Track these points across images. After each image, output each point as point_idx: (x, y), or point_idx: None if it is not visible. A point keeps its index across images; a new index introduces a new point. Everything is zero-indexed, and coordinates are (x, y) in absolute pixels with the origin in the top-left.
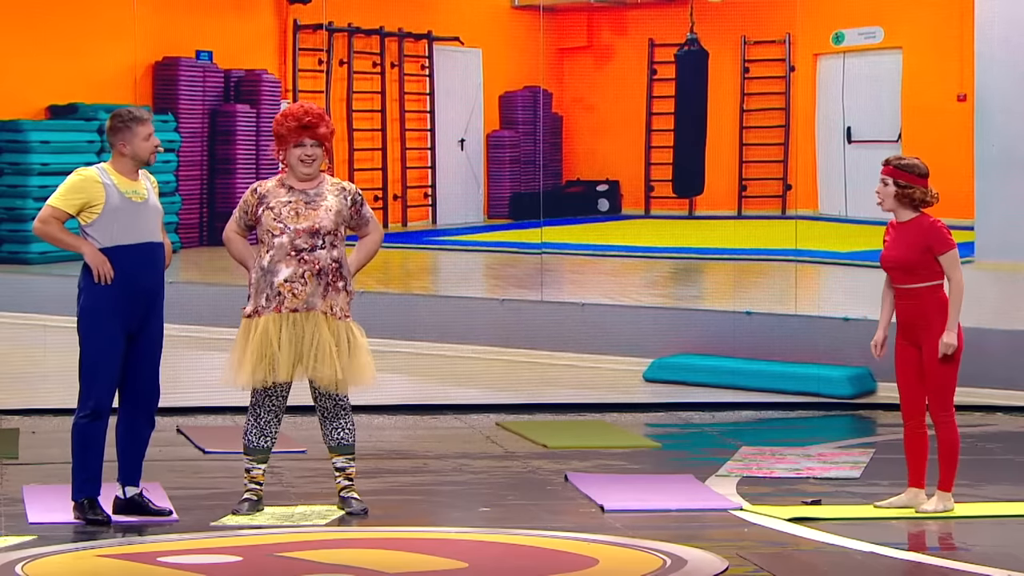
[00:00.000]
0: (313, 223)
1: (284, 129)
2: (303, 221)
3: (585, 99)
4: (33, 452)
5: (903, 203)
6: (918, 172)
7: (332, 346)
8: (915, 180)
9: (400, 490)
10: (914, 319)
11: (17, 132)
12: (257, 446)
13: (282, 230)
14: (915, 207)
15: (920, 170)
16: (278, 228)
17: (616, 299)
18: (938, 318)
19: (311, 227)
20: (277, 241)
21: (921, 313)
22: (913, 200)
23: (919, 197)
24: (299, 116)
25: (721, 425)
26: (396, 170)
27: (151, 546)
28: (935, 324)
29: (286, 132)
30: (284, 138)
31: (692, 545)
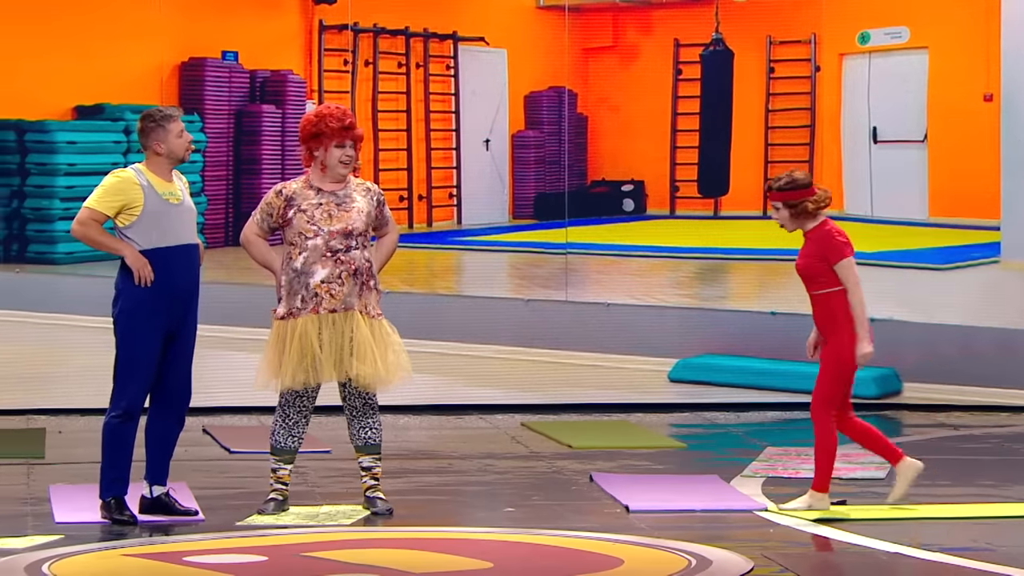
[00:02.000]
0: (346, 224)
1: (327, 128)
2: (336, 223)
3: (610, 99)
4: (59, 452)
5: (801, 218)
6: (798, 185)
7: (372, 345)
8: (801, 194)
9: (425, 490)
10: (822, 325)
11: (44, 133)
12: (284, 446)
13: (316, 232)
14: (814, 216)
15: (801, 182)
16: (311, 230)
17: (641, 299)
18: (846, 323)
19: (344, 228)
20: (311, 243)
21: (829, 319)
22: (808, 212)
23: (812, 207)
24: (340, 117)
25: (746, 425)
26: (421, 170)
27: (177, 546)
28: (843, 329)
29: (328, 131)
30: (325, 137)
31: (717, 545)
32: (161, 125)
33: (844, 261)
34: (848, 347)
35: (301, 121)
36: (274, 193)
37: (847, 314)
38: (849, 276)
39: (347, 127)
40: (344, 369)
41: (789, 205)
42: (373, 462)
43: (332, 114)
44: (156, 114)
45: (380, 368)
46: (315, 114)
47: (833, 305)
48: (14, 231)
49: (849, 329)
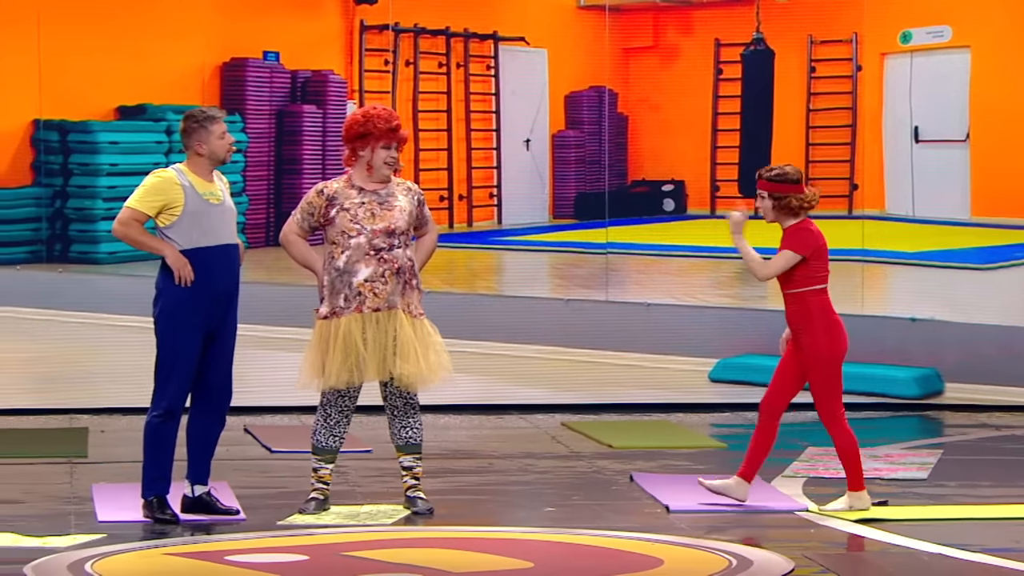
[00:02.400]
0: (389, 223)
1: (374, 129)
2: (379, 222)
3: (651, 99)
4: (102, 451)
5: (783, 213)
6: (790, 180)
7: (415, 344)
8: (788, 188)
9: (465, 490)
10: (795, 323)
11: (86, 133)
12: (326, 446)
13: (359, 231)
14: (795, 214)
15: (791, 177)
16: (355, 229)
17: (681, 299)
18: (820, 322)
19: (387, 227)
20: (354, 242)
21: (803, 317)
22: (791, 208)
23: (796, 204)
24: (387, 118)
25: (787, 425)
26: (461, 170)
27: (219, 545)
28: (816, 328)
29: (376, 132)
30: (372, 138)
31: (758, 546)
32: (203, 126)
33: (787, 252)
34: (824, 343)
35: (347, 121)
36: (315, 192)
37: (821, 313)
38: (777, 260)
39: (393, 128)
40: (387, 368)
41: (774, 197)
42: (414, 462)
43: (379, 115)
44: (199, 115)
45: (423, 367)
46: (362, 114)
47: (808, 304)
48: (57, 231)
49: (822, 327)
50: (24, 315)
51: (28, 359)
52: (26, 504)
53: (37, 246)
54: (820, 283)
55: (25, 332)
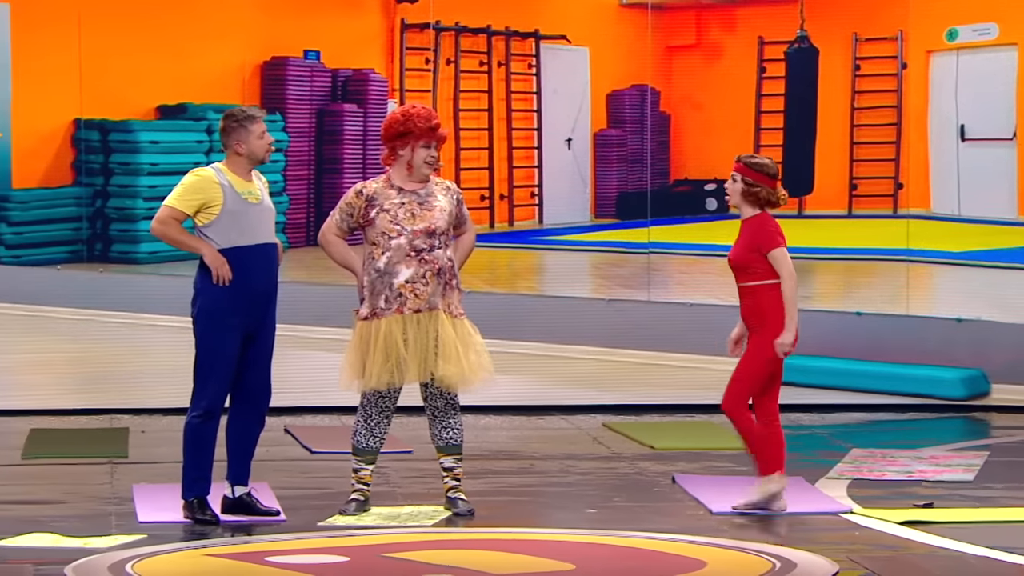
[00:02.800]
0: (429, 224)
1: (414, 128)
2: (419, 222)
3: (693, 97)
4: (142, 451)
5: (748, 201)
6: (767, 172)
7: (457, 345)
8: (763, 179)
9: (506, 491)
10: (750, 317)
11: (127, 132)
12: (366, 447)
13: (399, 232)
14: (760, 206)
15: (769, 170)
16: (395, 230)
17: (724, 299)
18: (773, 316)
19: (428, 228)
20: (394, 243)
21: (757, 311)
22: (759, 199)
23: (764, 196)
24: (427, 117)
25: (831, 427)
26: (503, 169)
27: (259, 546)
28: (770, 322)
29: (416, 131)
30: (411, 137)
31: (802, 548)
32: (243, 126)
33: (777, 251)
34: (774, 338)
35: (386, 120)
36: (354, 193)
37: (775, 308)
38: (784, 266)
39: (433, 128)
40: (429, 369)
41: (746, 182)
42: (455, 463)
43: (419, 114)
44: (239, 114)
45: (464, 368)
46: (401, 113)
47: (761, 298)
48: (98, 231)
49: (776, 324)
50: (65, 315)
51: (69, 359)
52: (67, 504)
53: (78, 246)
54: (774, 277)
55: (66, 332)
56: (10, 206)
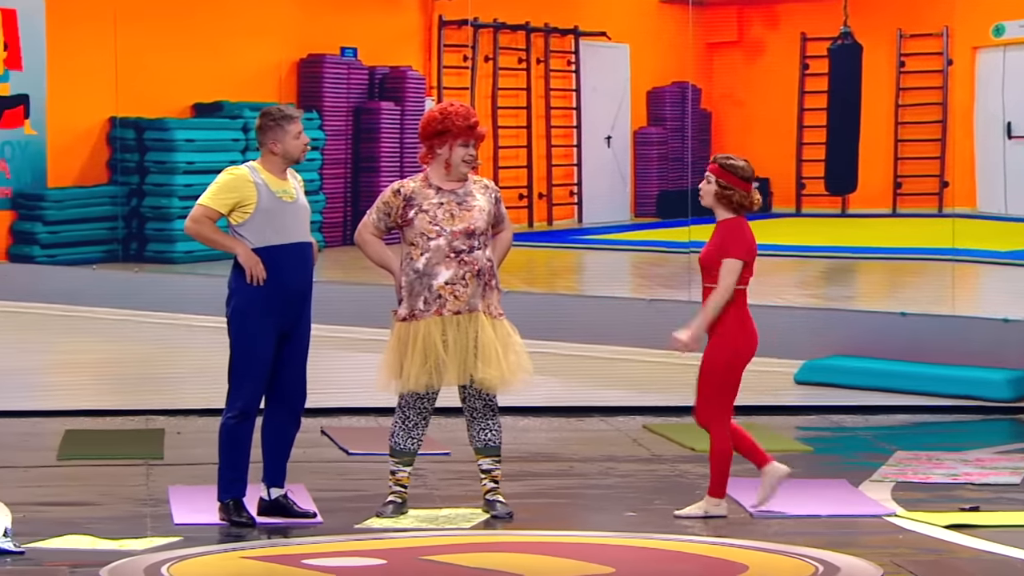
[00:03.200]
0: (468, 224)
1: (452, 126)
2: (458, 223)
3: (735, 95)
4: (178, 452)
5: (722, 203)
6: (741, 175)
7: (497, 346)
8: (737, 183)
9: (545, 493)
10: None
11: (163, 130)
12: (404, 448)
13: (439, 232)
14: (734, 209)
15: (743, 172)
16: (434, 231)
17: (766, 299)
18: (733, 322)
19: (467, 228)
20: (433, 244)
21: (717, 319)
22: (732, 202)
23: (738, 200)
24: (465, 115)
25: (875, 429)
26: (541, 168)
27: (296, 548)
28: (730, 327)
29: (455, 129)
30: (449, 135)
31: (845, 552)
32: (280, 125)
33: (732, 261)
34: (733, 343)
35: (424, 118)
36: (392, 192)
37: (736, 312)
38: (727, 276)
39: (471, 126)
40: (468, 372)
41: (720, 184)
42: (493, 464)
43: (457, 112)
44: (276, 113)
45: (504, 369)
46: (439, 111)
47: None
48: (133, 230)
49: (736, 327)
50: (100, 315)
51: (104, 360)
52: (103, 506)
53: (113, 245)
54: (742, 283)
55: (101, 332)
56: (45, 205)
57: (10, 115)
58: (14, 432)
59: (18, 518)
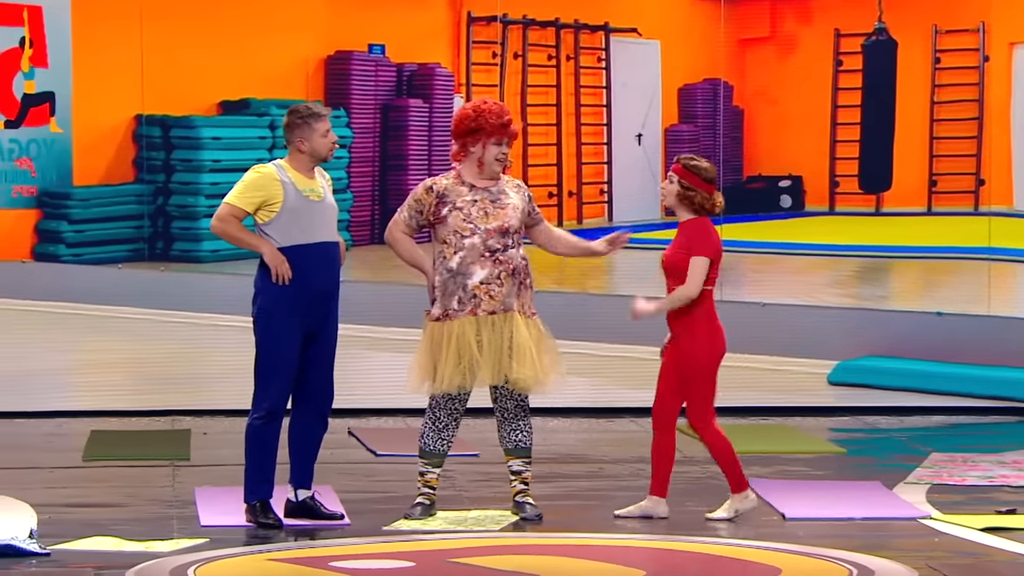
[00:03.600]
0: (503, 222)
1: (486, 124)
2: (493, 221)
3: (768, 91)
4: (205, 453)
5: (684, 204)
6: (704, 176)
7: (531, 347)
8: (699, 184)
9: (576, 495)
10: (676, 323)
11: (189, 128)
12: (433, 449)
13: (472, 231)
14: (695, 211)
15: (706, 174)
16: (468, 229)
17: (799, 299)
18: (701, 324)
19: (501, 227)
20: (467, 242)
21: (684, 318)
22: (693, 203)
23: (699, 202)
24: (499, 113)
25: (910, 430)
26: (571, 166)
27: (323, 550)
28: (697, 330)
29: (489, 127)
30: (483, 133)
31: (879, 555)
32: (307, 123)
33: (701, 260)
34: (703, 346)
35: (457, 115)
36: (424, 189)
37: (704, 315)
38: (694, 275)
39: (505, 124)
40: (503, 372)
41: (683, 185)
42: (523, 466)
43: (491, 110)
44: (303, 111)
45: (538, 370)
46: (473, 109)
47: (691, 304)
48: (159, 229)
49: (704, 330)
50: (126, 315)
51: (130, 360)
52: (129, 508)
53: (139, 244)
54: (709, 283)
55: (127, 332)
56: (71, 204)
57: (36, 113)
58: (39, 433)
59: (43, 519)
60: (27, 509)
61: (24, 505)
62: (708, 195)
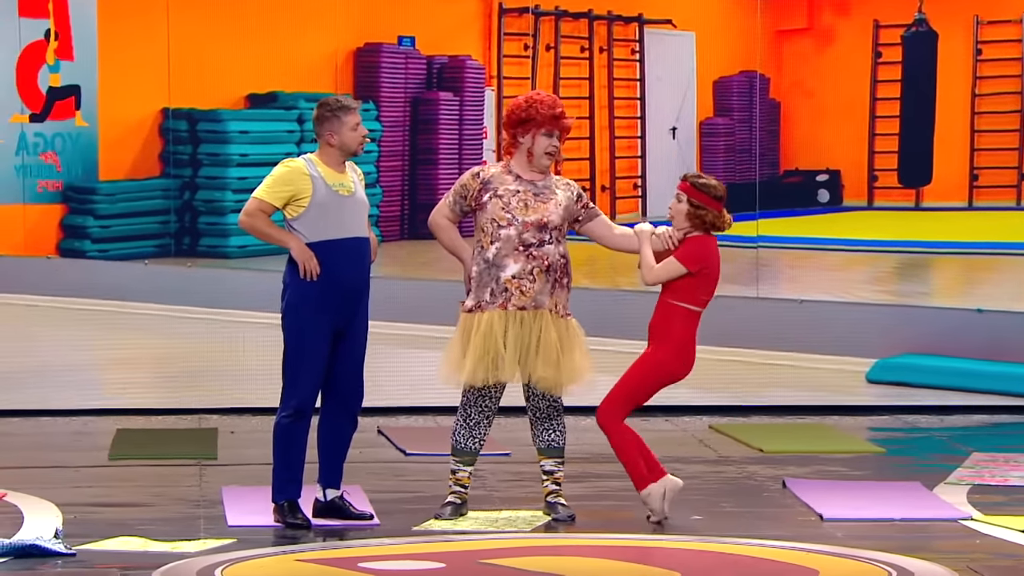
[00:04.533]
0: (542, 216)
1: (537, 115)
2: (532, 214)
3: (805, 84)
4: (232, 452)
5: (694, 223)
6: (713, 194)
7: (558, 347)
8: (709, 202)
9: (608, 495)
10: (654, 330)
11: (216, 122)
12: (465, 447)
13: (509, 221)
14: (706, 229)
15: (715, 192)
16: (505, 219)
17: (837, 295)
18: (675, 343)
19: (539, 220)
20: (504, 233)
21: (663, 327)
22: (704, 222)
23: (710, 220)
24: (551, 104)
25: (950, 430)
26: (604, 160)
27: (352, 551)
28: (670, 346)
29: (540, 118)
30: (533, 124)
31: (919, 556)
32: (337, 116)
33: (675, 263)
34: (667, 361)
35: (508, 106)
36: (471, 175)
37: (681, 335)
38: (661, 270)
39: (557, 116)
40: (527, 371)
41: (692, 204)
42: (555, 466)
43: (543, 101)
44: (333, 104)
45: (562, 372)
46: (525, 99)
47: (673, 319)
48: (186, 224)
49: (676, 348)
50: (152, 311)
51: (156, 357)
52: (155, 507)
53: (165, 240)
54: (696, 305)
55: (153, 329)
56: (97, 199)
57: (61, 106)
58: (65, 431)
59: (69, 519)
60: (52, 509)
61: (49, 505)
62: (718, 213)
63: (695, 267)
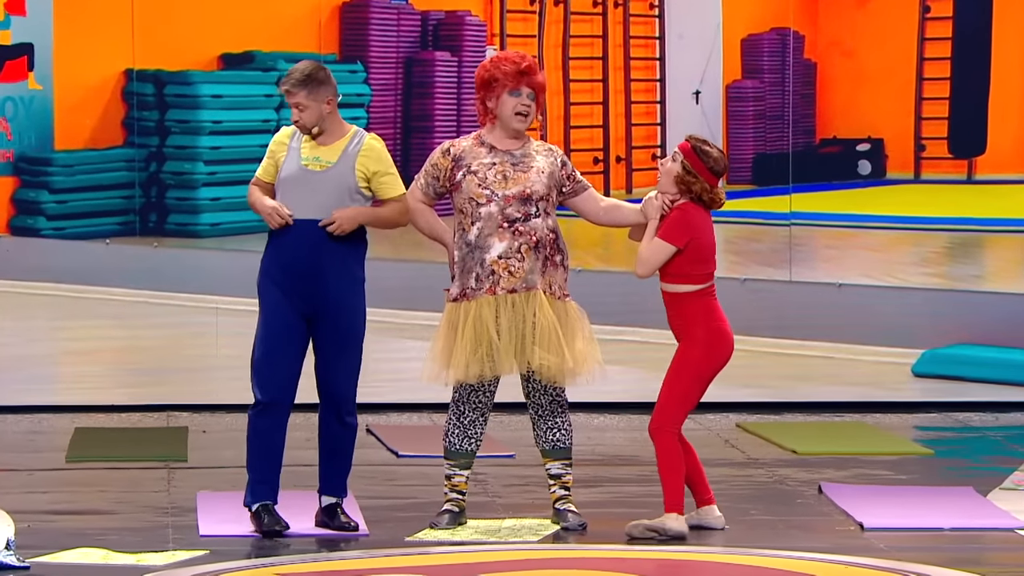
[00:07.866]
0: (524, 187)
1: (499, 73)
2: (512, 186)
3: (843, 43)
4: (204, 454)
5: (682, 187)
6: (710, 165)
7: (558, 330)
8: (703, 172)
9: (624, 502)
10: (674, 327)
11: (185, 85)
12: (459, 449)
13: (489, 197)
14: (691, 198)
15: (714, 164)
16: (484, 196)
17: (880, 279)
18: (699, 329)
19: (522, 192)
20: (484, 211)
21: (680, 320)
22: (691, 191)
23: (697, 191)
24: (516, 60)
25: (1006, 429)
26: (619, 127)
27: (337, 564)
28: (695, 332)
29: (501, 76)
30: (497, 83)
31: (971, 570)
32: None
33: (661, 243)
34: (697, 354)
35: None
36: (440, 152)
37: (703, 318)
38: (651, 256)
39: (523, 71)
40: (525, 359)
41: (685, 167)
42: (563, 469)
43: (507, 57)
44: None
45: (567, 358)
46: (490, 60)
47: (685, 306)
48: (152, 199)
49: (702, 335)
50: (115, 296)
51: (119, 347)
52: (119, 515)
53: (129, 216)
54: (697, 283)
55: (116, 316)
56: (52, 171)
57: (12, 67)
58: (17, 430)
59: (22, 528)
60: (3, 517)
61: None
62: (709, 187)
63: (682, 241)
